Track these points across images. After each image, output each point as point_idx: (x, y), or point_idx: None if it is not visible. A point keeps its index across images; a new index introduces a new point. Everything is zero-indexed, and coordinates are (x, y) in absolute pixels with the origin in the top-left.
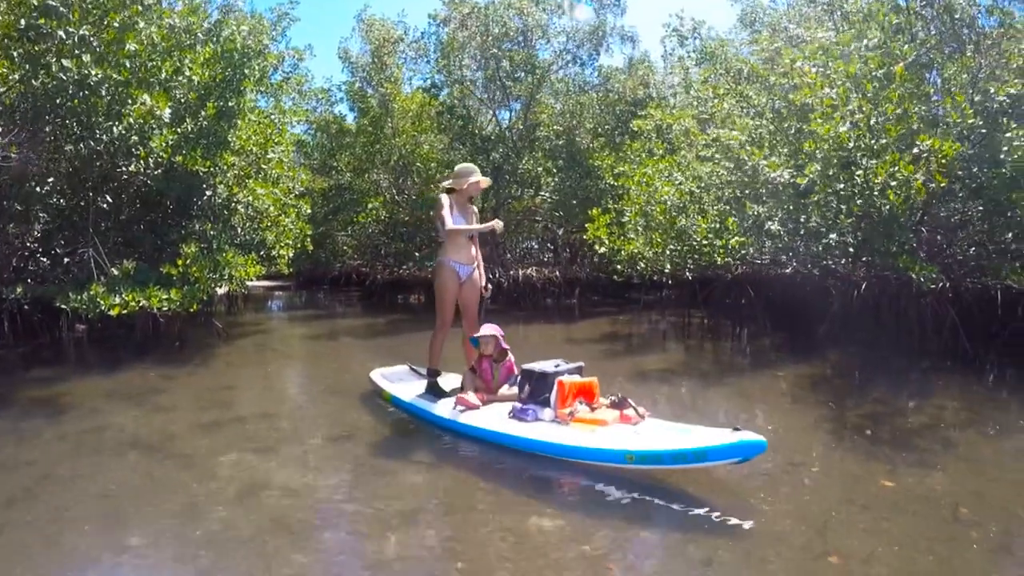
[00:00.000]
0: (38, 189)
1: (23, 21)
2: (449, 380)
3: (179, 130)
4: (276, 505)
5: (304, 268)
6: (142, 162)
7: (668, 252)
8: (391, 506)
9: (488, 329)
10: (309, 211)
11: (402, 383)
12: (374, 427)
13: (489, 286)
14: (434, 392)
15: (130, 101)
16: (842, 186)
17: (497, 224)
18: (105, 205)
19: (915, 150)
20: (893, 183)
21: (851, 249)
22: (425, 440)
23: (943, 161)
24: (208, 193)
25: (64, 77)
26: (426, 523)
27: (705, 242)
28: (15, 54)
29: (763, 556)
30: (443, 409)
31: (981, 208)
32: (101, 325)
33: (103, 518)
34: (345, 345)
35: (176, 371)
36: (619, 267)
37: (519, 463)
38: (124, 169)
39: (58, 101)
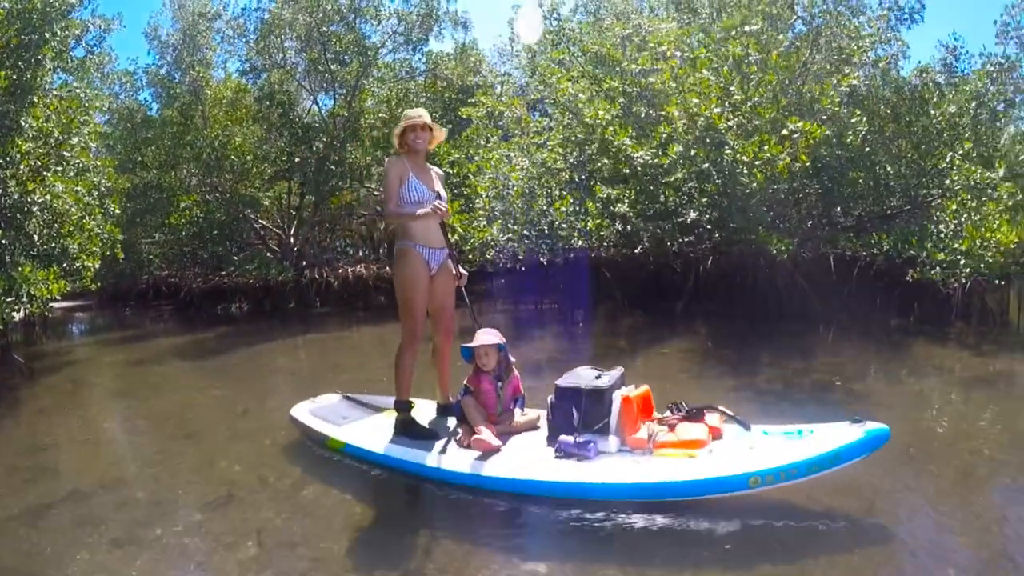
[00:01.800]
0: None
1: None
2: (424, 412)
3: None
4: None
5: (107, 283)
6: None
7: (521, 237)
8: None
9: (487, 336)
10: (117, 211)
11: (351, 423)
12: (259, 480)
13: (464, 274)
14: (411, 432)
15: None
16: (707, 165)
17: (440, 205)
18: None
19: (783, 131)
20: (758, 162)
21: (708, 226)
22: (342, 484)
23: (811, 142)
24: None
25: None
26: None
27: (565, 225)
28: None
29: (790, 543)
30: (449, 459)
31: (818, 186)
32: None
33: None
34: (178, 371)
35: None
36: (470, 256)
37: (484, 501)
38: None
39: None
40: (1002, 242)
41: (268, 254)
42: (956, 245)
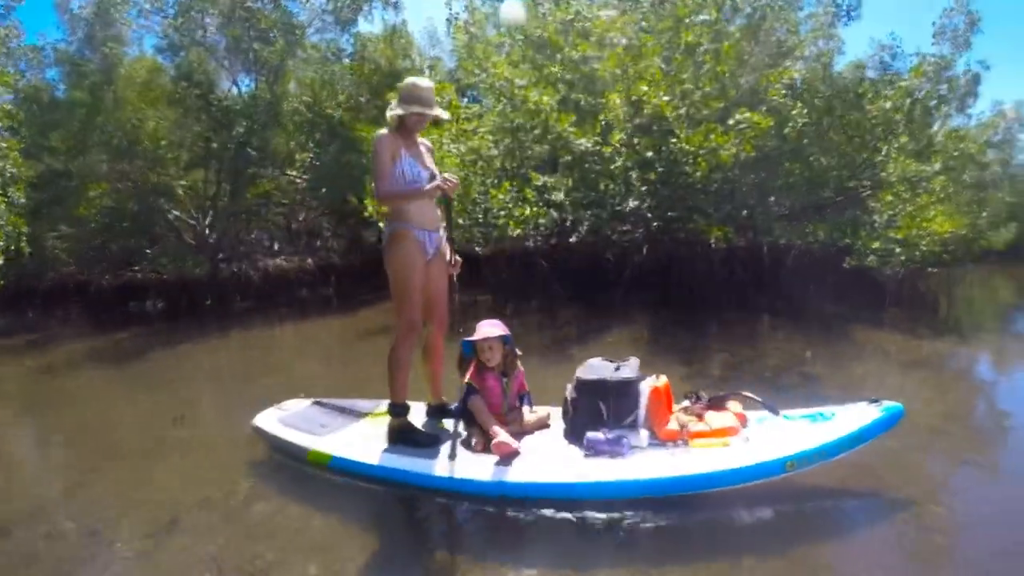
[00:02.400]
0: None
1: None
2: (414, 414)
3: None
4: None
5: (8, 281)
6: None
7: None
8: None
9: (490, 328)
10: (24, 201)
11: (333, 433)
12: (204, 498)
13: (459, 260)
14: (410, 439)
15: None
16: (650, 154)
17: (450, 178)
18: None
19: (730, 121)
20: (703, 151)
21: (648, 215)
22: (298, 496)
23: (757, 133)
24: None
25: None
26: None
27: (502, 213)
28: None
29: (783, 526)
30: (463, 467)
31: (753, 176)
32: None
33: None
34: (93, 377)
35: None
36: None
37: (465, 507)
38: None
39: None
40: (937, 232)
41: (183, 247)
42: (891, 234)
